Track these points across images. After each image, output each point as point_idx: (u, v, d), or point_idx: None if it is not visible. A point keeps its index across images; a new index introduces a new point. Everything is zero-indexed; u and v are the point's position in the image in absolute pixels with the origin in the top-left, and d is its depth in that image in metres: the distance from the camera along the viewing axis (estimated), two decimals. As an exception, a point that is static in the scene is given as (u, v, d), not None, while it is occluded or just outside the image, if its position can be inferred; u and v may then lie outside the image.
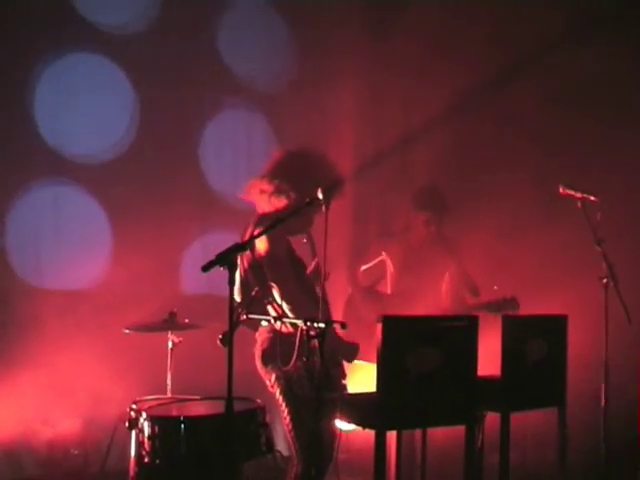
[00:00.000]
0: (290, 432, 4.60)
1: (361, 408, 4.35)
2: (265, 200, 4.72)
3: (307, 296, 4.64)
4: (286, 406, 4.61)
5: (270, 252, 4.59)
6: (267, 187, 4.72)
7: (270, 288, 4.52)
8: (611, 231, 5.60)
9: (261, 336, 4.69)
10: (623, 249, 5.96)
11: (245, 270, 4.67)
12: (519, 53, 6.98)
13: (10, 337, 6.16)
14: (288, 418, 4.60)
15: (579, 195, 5.62)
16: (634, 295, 5.64)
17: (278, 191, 4.68)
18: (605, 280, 5.54)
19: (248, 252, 4.63)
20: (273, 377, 4.62)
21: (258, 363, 4.70)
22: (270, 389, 4.68)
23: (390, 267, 6.27)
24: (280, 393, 4.62)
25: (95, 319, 6.26)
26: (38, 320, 6.17)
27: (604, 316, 5.50)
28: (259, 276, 4.61)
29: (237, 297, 4.58)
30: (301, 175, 4.65)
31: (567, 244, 6.45)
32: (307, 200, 4.40)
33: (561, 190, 5.68)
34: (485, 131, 7.24)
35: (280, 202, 4.66)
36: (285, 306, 4.52)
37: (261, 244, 4.59)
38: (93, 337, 6.24)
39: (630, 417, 5.99)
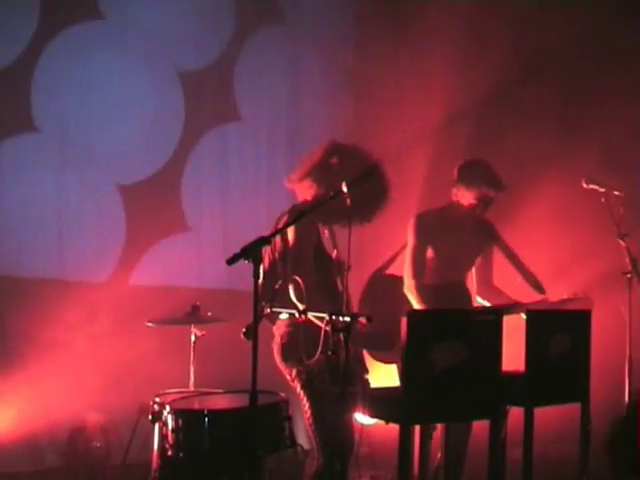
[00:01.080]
0: (311, 426, 4.58)
1: (385, 402, 4.35)
2: (305, 188, 4.70)
3: (325, 292, 4.62)
4: (307, 400, 4.58)
5: (296, 243, 4.58)
6: (311, 177, 4.70)
7: (295, 280, 4.50)
8: (635, 225, 5.60)
9: (279, 330, 4.66)
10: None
11: (274, 260, 4.66)
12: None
13: (33, 327, 6.18)
14: (309, 412, 4.58)
15: (602, 190, 5.60)
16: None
17: (320, 181, 4.65)
18: (629, 275, 5.52)
19: (279, 242, 4.62)
20: (294, 372, 4.60)
21: (278, 358, 4.68)
22: (291, 383, 4.66)
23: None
24: (301, 388, 4.59)
25: (118, 312, 6.28)
26: (61, 311, 6.20)
27: (628, 311, 5.49)
28: (287, 267, 4.60)
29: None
30: (344, 169, 4.61)
31: (591, 238, 6.41)
32: (331, 193, 4.39)
33: (584, 185, 5.67)
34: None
35: (319, 191, 4.63)
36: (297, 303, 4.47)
37: (290, 234, 4.58)
38: (116, 329, 6.28)
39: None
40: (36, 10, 6.44)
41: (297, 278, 4.30)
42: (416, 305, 5.29)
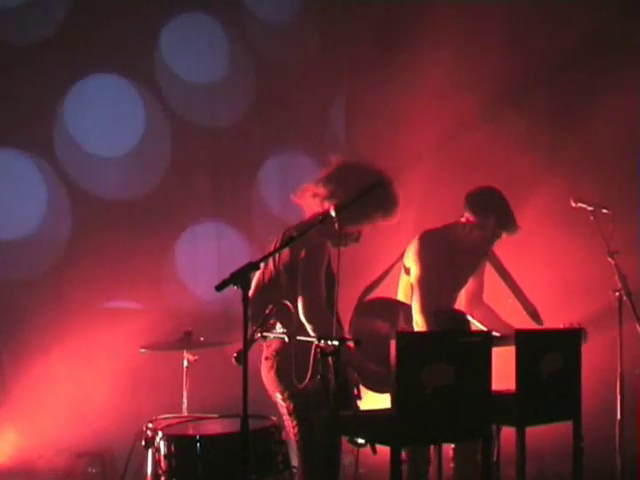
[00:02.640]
0: (299, 449, 4.57)
1: (376, 425, 4.36)
2: (317, 204, 4.67)
3: (331, 313, 4.62)
4: (298, 423, 4.57)
5: (306, 259, 4.56)
6: (321, 191, 4.67)
7: (285, 305, 4.50)
8: (624, 243, 5.62)
9: (274, 346, 4.66)
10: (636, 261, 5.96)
11: (277, 273, 4.66)
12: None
13: (28, 354, 6.19)
14: (298, 435, 4.56)
15: (591, 208, 5.63)
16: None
17: (331, 196, 4.63)
18: (618, 293, 5.55)
19: (287, 254, 4.60)
20: (287, 393, 4.61)
21: (270, 376, 4.66)
22: (281, 403, 4.65)
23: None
24: (293, 409, 4.59)
25: (111, 338, 6.28)
26: (55, 337, 6.20)
27: (618, 329, 5.51)
28: (293, 281, 4.58)
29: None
30: (357, 185, 4.58)
31: (580, 257, 6.43)
32: (320, 218, 4.40)
33: (573, 203, 5.70)
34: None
35: (327, 208, 4.62)
36: (307, 324, 4.47)
37: (301, 250, 4.56)
38: (110, 356, 6.27)
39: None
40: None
41: (287, 303, 4.31)
42: None
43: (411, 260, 5.38)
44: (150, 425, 4.84)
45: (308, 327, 4.44)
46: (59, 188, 6.62)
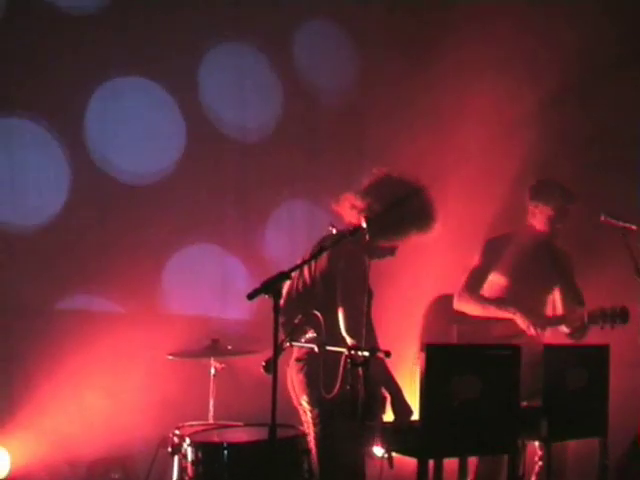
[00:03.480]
0: (319, 458, 4.60)
1: (403, 436, 4.36)
2: (355, 216, 4.68)
3: (369, 325, 4.63)
4: (321, 430, 4.60)
5: (346, 270, 4.58)
6: (359, 203, 4.68)
7: (314, 315, 4.52)
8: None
9: (304, 350, 4.66)
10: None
11: (313, 282, 4.69)
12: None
13: (53, 358, 6.21)
14: (320, 443, 4.60)
15: (620, 224, 5.62)
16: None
17: (368, 208, 4.64)
18: (646, 310, 5.53)
19: (325, 263, 4.64)
20: (314, 398, 4.61)
21: (299, 378, 4.68)
22: (305, 407, 4.67)
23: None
24: (318, 416, 4.62)
25: (139, 344, 6.30)
26: (82, 342, 6.23)
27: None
28: (330, 290, 4.61)
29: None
30: (393, 198, 4.60)
31: (611, 275, 6.38)
32: (351, 229, 4.43)
33: (602, 218, 5.70)
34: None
35: (356, 217, 4.64)
36: (347, 336, 4.48)
37: (340, 260, 4.58)
38: (137, 361, 6.30)
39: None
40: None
41: (317, 313, 4.32)
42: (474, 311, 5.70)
43: None
44: (177, 432, 4.87)
45: (348, 338, 4.45)
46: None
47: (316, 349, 4.33)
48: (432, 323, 6.07)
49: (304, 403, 4.66)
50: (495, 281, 5.82)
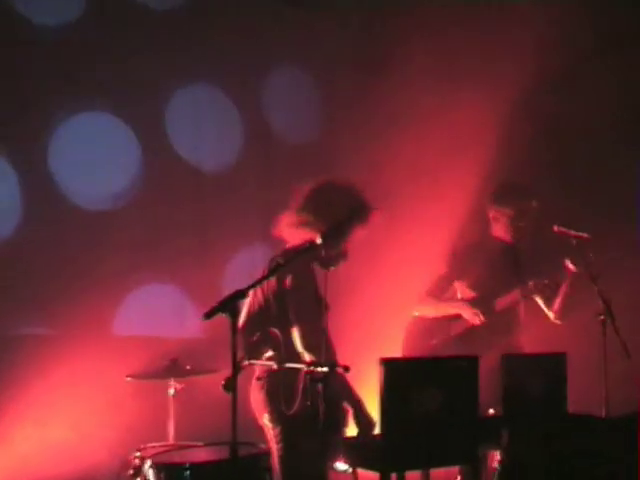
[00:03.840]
0: (283, 475, 4.56)
1: (365, 450, 4.37)
2: (292, 233, 4.72)
3: (322, 337, 4.64)
4: (283, 447, 4.58)
5: (294, 286, 4.58)
6: (294, 220, 4.72)
7: (271, 333, 4.52)
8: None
9: (264, 368, 4.64)
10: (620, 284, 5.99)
11: (267, 300, 4.68)
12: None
13: (14, 383, 6.13)
14: (283, 461, 4.57)
15: (573, 233, 5.70)
16: (632, 330, 5.68)
17: (305, 224, 4.67)
18: (602, 317, 5.58)
19: (274, 282, 4.63)
20: (275, 415, 4.61)
21: (260, 397, 4.66)
22: (268, 425, 4.64)
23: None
24: (280, 433, 4.60)
25: (98, 368, 6.25)
26: (42, 367, 6.17)
27: (603, 354, 5.53)
28: (282, 308, 4.61)
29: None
30: (328, 207, 4.65)
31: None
32: (307, 246, 4.44)
33: (555, 229, 5.77)
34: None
35: (307, 235, 4.64)
36: (305, 353, 4.48)
37: (287, 277, 4.58)
38: (97, 385, 6.24)
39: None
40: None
41: (274, 330, 4.33)
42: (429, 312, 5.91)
43: None
44: (138, 453, 4.84)
45: (306, 354, 4.45)
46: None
47: (275, 366, 4.34)
48: (411, 339, 6.10)
49: (266, 421, 4.65)
50: (462, 290, 5.99)
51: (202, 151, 7.16)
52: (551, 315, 6.06)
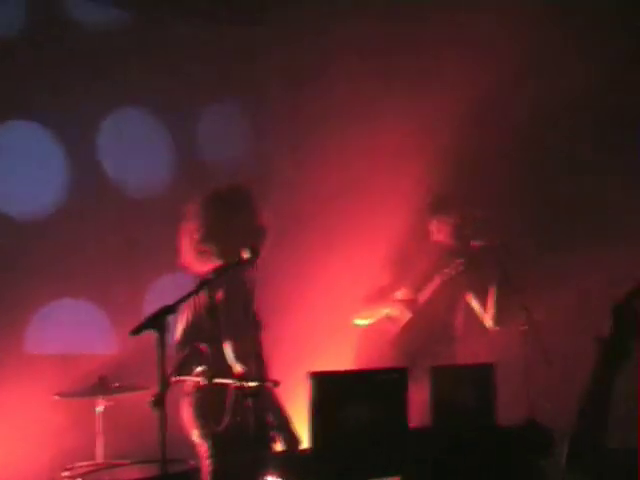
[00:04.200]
0: None
1: (294, 464, 4.35)
2: (196, 261, 4.76)
3: (254, 352, 4.65)
4: (213, 463, 4.58)
5: (225, 299, 4.60)
6: (190, 249, 4.78)
7: (200, 348, 4.50)
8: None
9: (190, 388, 4.66)
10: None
11: (199, 315, 4.67)
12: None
13: None
14: (213, 476, 4.57)
15: (486, 243, 5.75)
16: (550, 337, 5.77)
17: (201, 253, 4.73)
18: (524, 327, 5.65)
19: (205, 298, 4.63)
20: (204, 431, 4.60)
21: (189, 412, 4.65)
22: (197, 441, 4.64)
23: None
24: (209, 449, 4.59)
25: (25, 386, 6.15)
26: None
27: (524, 364, 5.61)
28: (214, 322, 4.60)
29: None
30: (223, 229, 4.71)
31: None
32: (236, 261, 4.44)
33: (473, 244, 5.81)
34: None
35: (209, 262, 4.67)
36: (237, 364, 4.47)
37: (218, 291, 4.60)
38: (24, 404, 6.13)
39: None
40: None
41: (203, 346, 4.31)
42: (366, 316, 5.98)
43: None
44: (67, 473, 4.77)
45: (238, 366, 4.44)
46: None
47: (203, 382, 4.33)
48: (364, 348, 6.12)
49: (195, 437, 4.63)
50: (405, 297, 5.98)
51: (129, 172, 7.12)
52: (487, 322, 6.05)
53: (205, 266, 4.73)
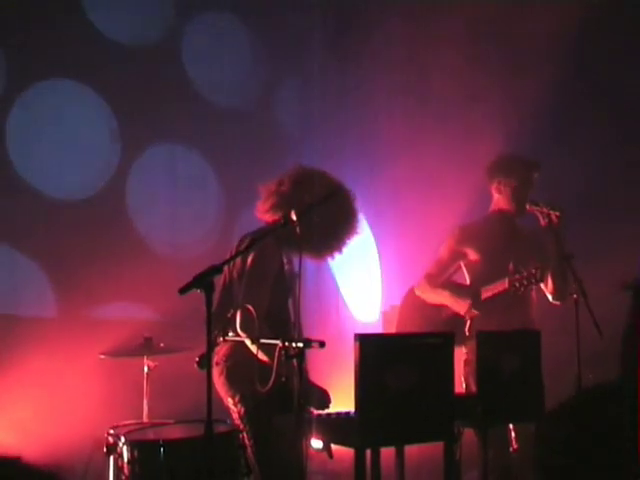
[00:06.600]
0: (254, 455, 4.57)
1: (340, 427, 4.36)
2: (268, 217, 4.75)
3: (280, 318, 4.64)
4: (251, 428, 4.59)
5: (252, 266, 4.59)
6: (267, 204, 4.77)
7: (247, 309, 4.49)
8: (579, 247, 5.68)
9: (224, 351, 4.67)
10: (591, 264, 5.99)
11: (232, 281, 4.70)
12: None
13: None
14: (252, 441, 4.58)
15: (545, 210, 5.66)
16: (603, 309, 5.68)
17: (276, 207, 4.71)
18: (575, 296, 5.57)
19: (240, 263, 4.64)
20: (237, 397, 4.62)
21: (221, 381, 4.66)
22: (232, 408, 4.66)
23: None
24: (245, 414, 4.61)
25: (71, 347, 6.21)
26: (11, 348, 6.13)
27: (576, 331, 5.53)
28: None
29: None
30: (299, 192, 4.67)
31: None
32: (282, 221, 4.43)
33: (528, 207, 5.74)
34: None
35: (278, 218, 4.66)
36: (241, 333, 4.46)
37: (250, 257, 4.60)
38: (70, 364, 6.20)
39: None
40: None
41: (249, 306, 4.30)
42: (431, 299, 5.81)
43: None
44: (112, 431, 4.80)
45: (241, 333, 4.44)
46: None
47: (249, 342, 4.34)
48: (405, 312, 6.08)
49: (230, 404, 4.65)
50: (470, 265, 5.87)
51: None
52: (550, 296, 5.90)
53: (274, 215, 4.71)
